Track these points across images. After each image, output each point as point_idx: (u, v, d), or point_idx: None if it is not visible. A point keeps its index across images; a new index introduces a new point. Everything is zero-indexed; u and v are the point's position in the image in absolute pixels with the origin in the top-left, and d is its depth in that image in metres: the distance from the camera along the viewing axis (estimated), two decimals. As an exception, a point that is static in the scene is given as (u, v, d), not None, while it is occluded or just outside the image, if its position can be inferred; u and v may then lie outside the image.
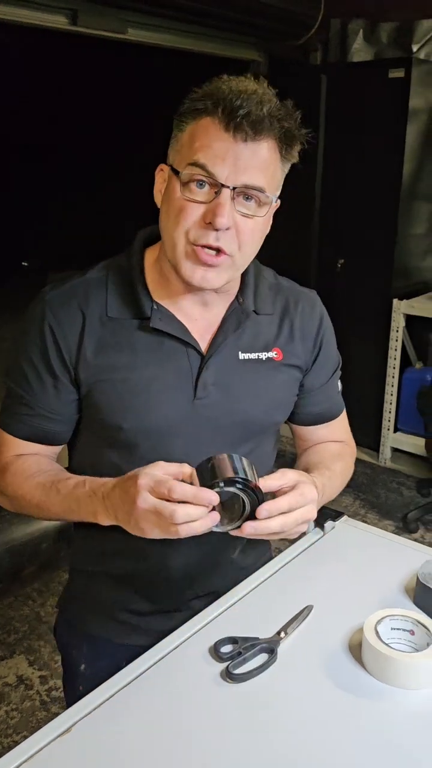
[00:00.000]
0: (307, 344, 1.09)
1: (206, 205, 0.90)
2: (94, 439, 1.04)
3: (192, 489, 0.82)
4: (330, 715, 0.82)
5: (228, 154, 0.88)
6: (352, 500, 3.36)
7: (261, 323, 1.05)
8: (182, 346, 1.00)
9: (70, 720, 0.82)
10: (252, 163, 0.89)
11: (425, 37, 3.57)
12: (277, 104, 0.90)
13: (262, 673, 0.88)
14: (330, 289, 3.67)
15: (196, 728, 0.80)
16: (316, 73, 3.68)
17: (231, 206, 0.90)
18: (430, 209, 3.66)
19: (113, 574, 1.11)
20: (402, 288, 3.55)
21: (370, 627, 0.88)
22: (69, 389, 1.01)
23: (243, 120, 0.86)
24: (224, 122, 0.87)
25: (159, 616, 1.11)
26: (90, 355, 0.98)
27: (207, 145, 0.88)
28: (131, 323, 0.99)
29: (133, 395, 0.98)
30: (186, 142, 0.91)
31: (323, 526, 1.19)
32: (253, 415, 1.03)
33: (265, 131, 0.88)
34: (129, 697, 0.85)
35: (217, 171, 0.88)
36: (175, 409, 0.99)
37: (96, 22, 3.02)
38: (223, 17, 3.37)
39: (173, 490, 0.82)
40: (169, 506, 0.81)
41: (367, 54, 3.80)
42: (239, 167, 0.88)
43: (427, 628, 0.88)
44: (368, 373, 3.65)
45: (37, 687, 2.19)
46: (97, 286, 1.00)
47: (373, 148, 3.45)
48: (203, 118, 0.89)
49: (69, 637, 1.18)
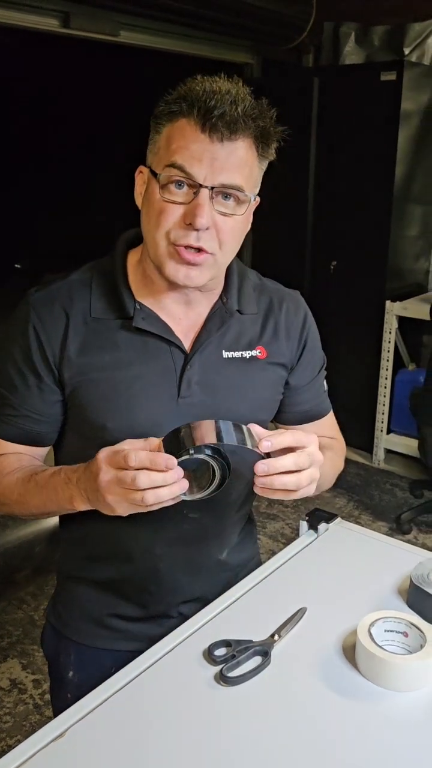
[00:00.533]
0: (292, 342, 1.10)
1: (185, 205, 0.91)
2: (79, 440, 1.05)
3: (148, 454, 0.82)
4: (324, 717, 0.82)
5: (205, 154, 0.89)
6: (345, 501, 3.36)
7: (245, 322, 1.06)
8: (166, 345, 1.00)
9: (63, 724, 0.82)
10: (229, 163, 0.90)
11: (416, 40, 3.59)
12: (251, 103, 0.90)
13: (256, 676, 0.87)
14: (323, 291, 3.70)
15: (191, 732, 0.80)
16: (308, 75, 3.69)
17: (210, 206, 0.91)
18: (423, 211, 3.67)
19: (100, 579, 1.11)
20: (395, 290, 3.56)
21: (364, 629, 0.88)
22: (53, 390, 1.01)
23: (218, 120, 0.87)
24: (200, 123, 0.88)
25: (147, 621, 1.10)
26: (74, 355, 0.99)
27: (184, 146, 0.89)
28: (115, 323, 1.00)
29: (117, 394, 0.99)
30: (163, 144, 0.92)
31: (317, 528, 1.19)
32: (237, 414, 1.03)
33: (240, 131, 0.89)
34: (123, 701, 0.85)
35: (194, 172, 0.89)
36: (160, 408, 1.00)
37: (88, 25, 3.03)
38: (215, 20, 3.38)
39: (128, 456, 0.82)
40: (130, 473, 0.82)
41: (359, 57, 3.81)
42: (216, 167, 0.89)
43: (421, 630, 0.88)
44: (361, 375, 3.66)
45: (30, 691, 2.18)
46: (81, 287, 1.02)
47: (366, 151, 3.46)
48: (179, 120, 0.90)
49: (56, 644, 1.17)
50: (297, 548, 1.16)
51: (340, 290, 3.68)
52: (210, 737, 0.79)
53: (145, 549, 1.06)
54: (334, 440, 1.20)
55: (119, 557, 1.07)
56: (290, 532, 3.05)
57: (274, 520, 3.16)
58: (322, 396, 1.18)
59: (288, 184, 3.74)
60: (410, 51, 3.61)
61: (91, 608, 1.13)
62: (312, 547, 1.17)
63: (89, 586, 1.12)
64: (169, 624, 1.06)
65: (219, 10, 3.28)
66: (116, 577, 1.09)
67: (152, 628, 1.08)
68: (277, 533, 3.07)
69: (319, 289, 3.71)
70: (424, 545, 2.97)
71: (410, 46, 3.61)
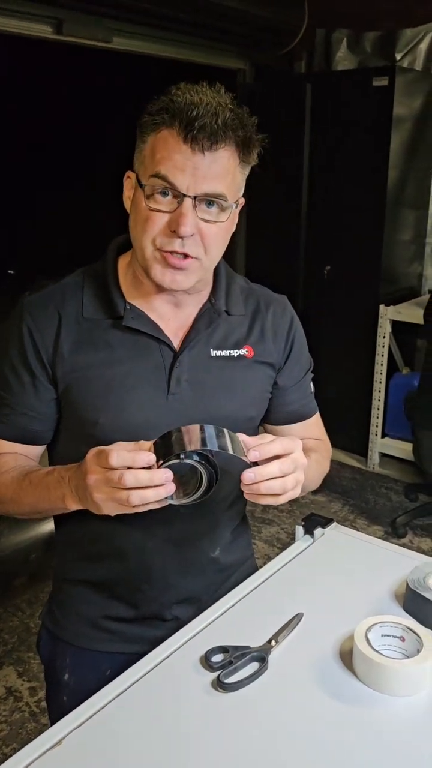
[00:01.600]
0: (279, 342, 1.13)
1: (170, 214, 0.94)
2: (72, 438, 1.07)
3: (130, 453, 0.83)
4: (321, 722, 0.82)
5: (187, 165, 0.91)
6: (341, 506, 3.36)
7: (232, 323, 1.09)
8: (155, 343, 1.03)
9: (60, 733, 0.82)
10: (211, 172, 0.92)
11: (408, 45, 3.61)
12: (232, 114, 0.92)
13: (253, 681, 0.87)
14: (317, 296, 3.71)
15: (188, 738, 0.80)
16: (301, 81, 3.70)
17: (193, 214, 0.93)
18: (416, 216, 3.69)
19: (94, 580, 1.12)
20: (388, 294, 3.57)
21: (361, 634, 0.88)
22: (47, 387, 1.04)
23: (199, 132, 0.90)
24: (182, 134, 0.90)
25: (141, 623, 1.11)
26: (66, 354, 1.02)
27: (167, 157, 0.92)
28: (106, 323, 1.03)
29: (107, 390, 1.02)
30: (148, 154, 0.95)
31: (312, 533, 1.19)
32: (226, 411, 1.06)
33: (221, 141, 0.91)
34: (119, 709, 0.85)
35: (177, 182, 0.92)
36: (150, 405, 1.02)
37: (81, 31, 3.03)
38: (208, 26, 3.39)
39: (110, 455, 0.83)
40: (117, 471, 0.83)
41: (351, 63, 3.83)
42: (198, 177, 0.92)
43: (417, 634, 0.88)
44: (356, 379, 3.67)
45: (26, 698, 2.17)
46: (73, 289, 1.05)
47: (359, 156, 3.48)
48: (162, 131, 0.92)
49: (52, 648, 1.18)
50: (293, 553, 1.16)
51: (334, 295, 3.69)
52: (208, 743, 0.79)
53: (137, 546, 1.07)
54: (320, 441, 1.22)
55: (113, 556, 1.09)
56: (286, 537, 3.05)
57: (269, 525, 3.16)
58: (309, 397, 1.21)
59: (281, 189, 3.75)
60: (402, 56, 3.63)
61: (85, 610, 1.13)
62: (308, 552, 1.17)
63: (84, 587, 1.13)
64: (164, 626, 1.08)
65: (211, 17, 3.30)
66: (110, 576, 1.10)
67: (147, 630, 1.09)
68: (273, 538, 3.07)
69: (313, 293, 3.72)
70: (419, 549, 2.97)
71: (402, 52, 3.63)
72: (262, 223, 3.82)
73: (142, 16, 3.14)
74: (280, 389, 1.14)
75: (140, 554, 1.07)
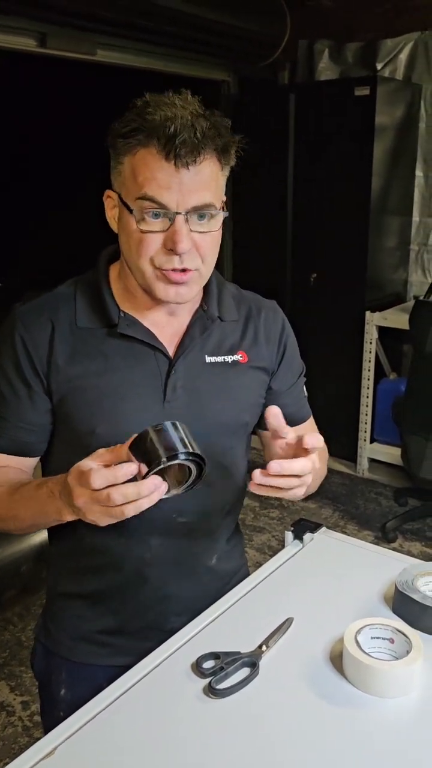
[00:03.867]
0: (272, 347, 1.13)
1: (164, 233, 0.93)
2: (67, 450, 1.05)
3: (111, 471, 0.81)
4: (313, 726, 0.82)
5: (172, 182, 0.91)
6: (331, 512, 3.37)
7: (225, 329, 1.09)
8: (150, 351, 1.03)
9: (52, 743, 0.82)
10: (197, 185, 0.92)
11: (389, 55, 3.66)
12: (208, 122, 0.91)
13: (244, 687, 0.88)
14: (304, 303, 3.74)
15: (180, 745, 0.80)
16: (284, 92, 3.74)
17: (187, 229, 0.93)
18: (400, 223, 3.72)
19: (90, 593, 1.11)
20: (374, 300, 3.60)
21: (351, 637, 0.89)
22: (42, 398, 1.03)
23: (180, 148, 0.89)
24: (162, 153, 0.90)
25: (139, 635, 1.10)
26: (61, 364, 1.01)
27: (150, 177, 0.91)
28: (100, 331, 1.03)
29: (103, 399, 1.01)
30: (129, 176, 0.93)
31: (302, 538, 1.20)
32: (221, 416, 1.06)
33: (203, 153, 0.91)
34: (111, 717, 0.85)
35: (165, 200, 0.91)
36: (146, 413, 1.01)
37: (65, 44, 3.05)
38: (192, 39, 3.42)
39: (91, 479, 0.81)
40: (103, 493, 0.81)
41: (334, 73, 3.88)
42: (185, 192, 0.91)
43: (406, 636, 0.89)
44: (343, 385, 3.69)
45: (19, 713, 2.16)
46: (66, 299, 1.05)
47: (342, 165, 3.51)
48: (139, 150, 0.91)
49: (47, 663, 1.16)
50: (283, 559, 1.16)
51: (320, 302, 3.71)
52: (200, 750, 0.79)
53: (134, 558, 1.06)
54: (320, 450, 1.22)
55: (109, 568, 1.07)
56: (277, 545, 3.05)
57: (260, 533, 3.16)
58: (303, 401, 1.21)
59: (267, 197, 3.78)
60: (383, 66, 3.68)
61: (81, 624, 1.12)
62: (298, 557, 1.17)
63: (79, 600, 1.12)
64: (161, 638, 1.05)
65: (195, 29, 3.32)
66: (105, 588, 1.09)
67: (144, 642, 1.07)
68: (264, 545, 3.07)
69: (299, 300, 3.74)
70: (409, 553, 2.99)
71: (383, 62, 3.68)
72: (248, 231, 3.85)
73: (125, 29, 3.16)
74: (274, 393, 1.15)
75: (138, 565, 1.07)
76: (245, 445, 1.15)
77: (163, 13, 3.08)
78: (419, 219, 3.79)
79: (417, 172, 3.72)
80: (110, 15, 2.96)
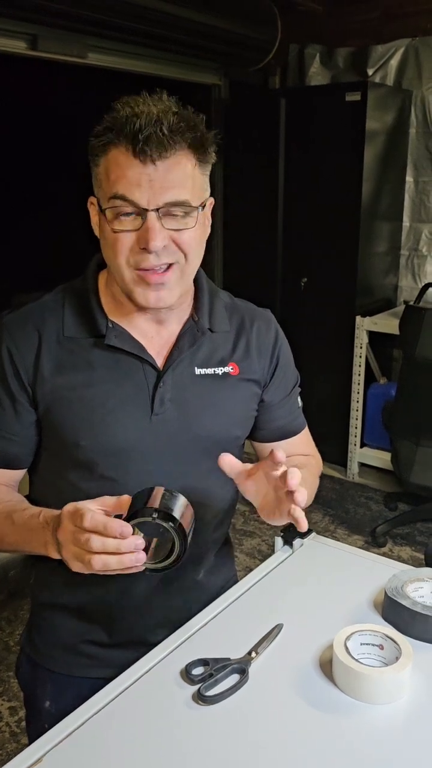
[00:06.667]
0: (264, 359, 1.11)
1: (137, 232, 0.92)
2: (54, 461, 1.04)
3: (103, 518, 0.80)
4: (303, 732, 0.82)
5: (142, 178, 0.89)
6: (321, 516, 3.37)
7: (216, 340, 1.07)
8: (138, 363, 1.01)
9: (40, 750, 0.81)
10: (168, 181, 0.90)
11: (380, 61, 3.68)
12: (176, 118, 0.90)
13: (234, 694, 0.87)
14: (294, 308, 3.74)
15: (169, 752, 0.80)
16: (275, 96, 3.75)
17: (160, 226, 0.91)
18: (391, 228, 3.74)
19: (76, 605, 1.09)
20: (365, 305, 3.61)
21: (340, 643, 0.89)
22: (28, 410, 1.02)
23: (146, 144, 0.88)
24: (130, 149, 0.89)
25: (124, 647, 1.09)
26: (47, 375, 1.00)
27: (121, 175, 0.90)
28: (87, 342, 1.01)
29: (89, 412, 0.99)
30: (103, 177, 0.93)
31: (292, 543, 1.20)
32: (211, 431, 1.04)
33: (170, 148, 0.89)
34: (100, 724, 0.84)
35: (136, 198, 0.90)
36: (133, 426, 1.00)
37: (56, 47, 3.04)
38: (183, 42, 3.42)
39: (84, 517, 0.80)
40: (86, 533, 0.80)
41: (325, 78, 3.89)
42: (156, 188, 0.90)
43: (396, 642, 0.89)
44: (334, 390, 3.69)
45: (6, 719, 2.14)
46: (53, 308, 1.03)
47: (333, 170, 3.52)
48: (111, 150, 0.91)
49: (32, 674, 1.15)
50: (272, 565, 1.16)
51: (310, 307, 3.72)
52: (190, 757, 0.79)
53: None
54: (309, 457, 1.20)
55: (94, 581, 1.04)
56: (267, 549, 3.04)
57: (250, 537, 3.16)
58: (297, 412, 1.19)
59: (257, 202, 3.78)
60: (374, 72, 3.70)
61: (67, 635, 1.11)
62: (287, 563, 1.17)
63: (65, 612, 1.10)
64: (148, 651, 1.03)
65: (186, 33, 3.33)
66: (91, 601, 1.08)
67: (129, 654, 1.05)
68: (254, 550, 3.07)
69: (290, 305, 3.74)
70: (399, 557, 2.99)
71: (374, 67, 3.69)
72: (238, 236, 3.85)
73: (116, 32, 3.16)
74: (267, 406, 1.13)
75: (123, 579, 1.01)
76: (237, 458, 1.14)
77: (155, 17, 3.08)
78: (409, 224, 3.81)
79: (407, 178, 3.74)
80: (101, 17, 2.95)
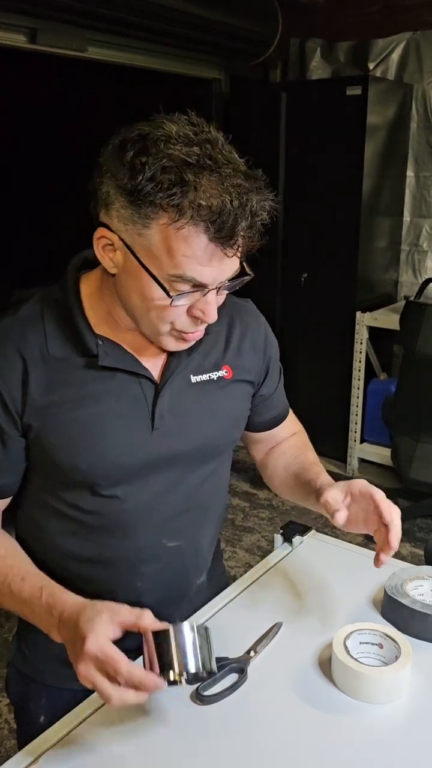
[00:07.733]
0: (258, 355, 1.09)
1: (192, 301, 0.88)
2: (47, 482, 0.99)
3: (139, 676, 0.76)
4: (301, 732, 0.82)
5: (213, 261, 0.84)
6: (321, 512, 3.37)
7: (208, 342, 1.03)
8: (134, 377, 0.96)
9: (38, 749, 0.81)
10: (232, 262, 0.87)
11: (381, 55, 3.66)
12: (258, 220, 0.85)
13: (232, 693, 0.87)
14: (294, 303, 3.73)
15: (168, 751, 0.79)
16: (276, 90, 3.73)
17: (216, 298, 0.89)
18: (391, 223, 3.72)
19: None
20: (365, 301, 3.60)
21: (339, 642, 0.88)
22: (17, 440, 0.96)
23: (233, 238, 0.83)
24: (208, 233, 0.81)
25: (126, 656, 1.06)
26: (37, 398, 0.92)
27: (192, 256, 0.83)
28: (77, 360, 0.94)
29: (86, 432, 0.93)
30: (161, 248, 0.83)
31: (291, 541, 1.19)
32: (211, 437, 1.02)
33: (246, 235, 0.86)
34: (98, 724, 0.84)
35: (205, 279, 0.85)
36: (134, 443, 0.96)
37: (55, 41, 3.02)
38: (183, 36, 3.40)
39: (119, 673, 0.77)
40: (107, 690, 0.77)
41: (325, 72, 3.87)
42: (224, 269, 0.87)
43: (395, 641, 0.89)
44: (334, 385, 3.68)
45: (5, 715, 2.14)
46: (32, 323, 0.94)
47: (334, 164, 3.51)
48: (184, 228, 0.81)
49: (24, 689, 1.11)
50: (271, 562, 1.16)
51: (311, 302, 3.71)
52: (188, 756, 0.79)
53: (126, 588, 1.01)
54: (301, 434, 1.22)
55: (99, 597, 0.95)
56: (266, 545, 3.04)
57: (250, 533, 3.16)
58: (283, 396, 1.19)
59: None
60: (375, 66, 3.68)
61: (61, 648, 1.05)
62: (286, 561, 1.17)
63: None
64: None
65: (186, 27, 3.31)
66: None
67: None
68: (254, 546, 3.06)
69: (290, 300, 3.73)
70: (398, 554, 2.98)
71: (375, 62, 3.68)
72: (239, 231, 3.83)
73: (116, 26, 3.14)
74: (262, 399, 1.12)
75: (129, 594, 1.00)
76: (230, 460, 1.13)
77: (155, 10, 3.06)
78: (410, 219, 3.79)
79: (408, 172, 3.72)
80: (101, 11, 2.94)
